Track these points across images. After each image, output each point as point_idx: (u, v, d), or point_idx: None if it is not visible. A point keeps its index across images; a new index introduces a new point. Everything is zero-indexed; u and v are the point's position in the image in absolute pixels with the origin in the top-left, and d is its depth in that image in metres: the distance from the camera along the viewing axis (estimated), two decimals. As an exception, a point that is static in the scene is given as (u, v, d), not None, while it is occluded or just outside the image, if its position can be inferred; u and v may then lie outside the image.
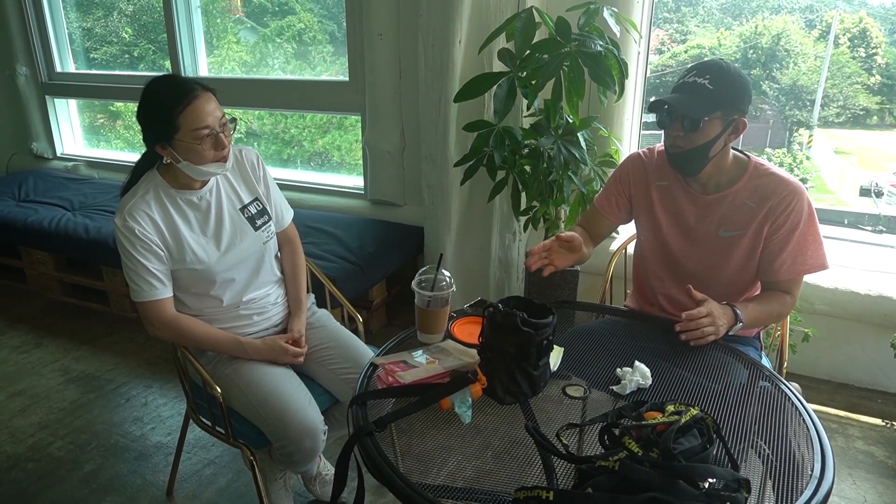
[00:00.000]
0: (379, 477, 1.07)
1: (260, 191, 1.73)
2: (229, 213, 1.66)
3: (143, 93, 1.52)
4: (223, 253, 1.63)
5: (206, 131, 1.48)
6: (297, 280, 1.81)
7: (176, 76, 1.58)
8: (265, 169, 1.76)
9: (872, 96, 4.47)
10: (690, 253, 1.62)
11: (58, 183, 3.88)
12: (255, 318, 1.71)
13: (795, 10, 4.75)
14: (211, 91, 1.53)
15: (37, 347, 2.94)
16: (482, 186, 2.61)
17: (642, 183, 1.69)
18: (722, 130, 1.46)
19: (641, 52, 2.61)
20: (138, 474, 2.11)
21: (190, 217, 1.61)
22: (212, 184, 1.64)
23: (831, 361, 2.60)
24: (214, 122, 1.50)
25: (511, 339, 1.20)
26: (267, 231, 1.72)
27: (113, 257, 3.04)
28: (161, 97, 1.48)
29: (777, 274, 1.53)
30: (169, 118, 1.46)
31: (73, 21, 4.27)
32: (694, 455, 0.97)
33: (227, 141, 1.54)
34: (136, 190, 1.57)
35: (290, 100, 3.53)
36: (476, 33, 2.53)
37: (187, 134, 1.47)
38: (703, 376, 1.36)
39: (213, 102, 1.50)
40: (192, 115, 1.46)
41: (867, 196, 4.02)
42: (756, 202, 1.52)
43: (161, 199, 1.58)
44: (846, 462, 2.15)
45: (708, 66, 1.44)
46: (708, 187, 1.58)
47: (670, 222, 1.64)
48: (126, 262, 1.54)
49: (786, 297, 1.54)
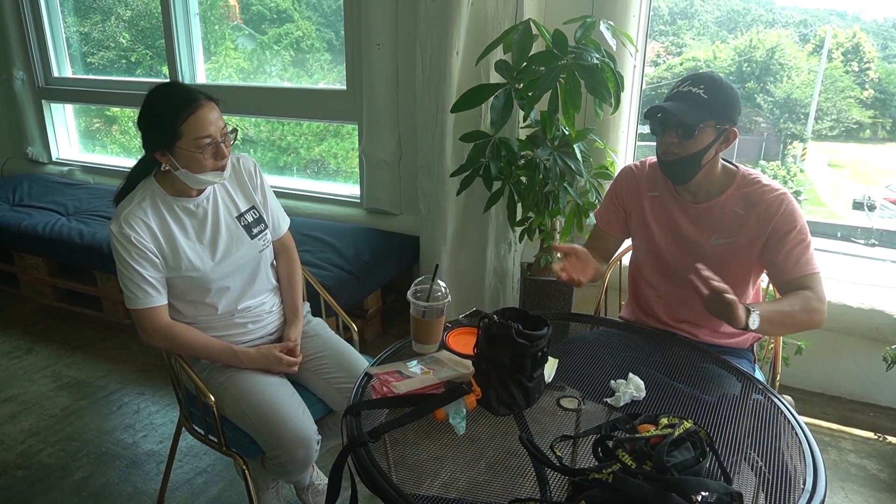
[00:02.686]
0: (372, 487, 1.07)
1: (257, 199, 1.73)
2: (226, 221, 1.66)
3: (147, 99, 1.52)
4: (219, 261, 1.62)
5: (207, 140, 1.49)
6: (294, 288, 1.81)
7: (180, 84, 1.59)
8: (262, 177, 1.76)
9: (865, 110, 4.51)
10: (684, 260, 1.63)
11: (52, 188, 3.87)
12: (251, 327, 1.70)
13: (790, 25, 4.79)
14: (214, 101, 1.53)
15: (28, 353, 2.92)
16: (478, 197, 2.62)
17: (634, 194, 1.71)
18: (714, 139, 1.49)
19: (637, 65, 2.63)
20: (129, 482, 2.10)
21: (186, 224, 1.60)
22: (209, 191, 1.64)
23: (824, 374, 2.61)
24: (216, 132, 1.50)
25: (506, 350, 1.20)
26: (263, 239, 1.71)
27: (107, 263, 3.04)
28: (164, 104, 1.49)
29: (790, 273, 1.50)
30: (172, 125, 1.46)
31: (71, 26, 4.27)
32: (687, 468, 0.97)
33: (227, 151, 1.55)
34: (133, 196, 1.56)
35: (287, 108, 3.53)
36: (473, 44, 2.55)
37: (189, 142, 1.47)
38: (696, 388, 1.37)
39: (215, 112, 1.51)
40: (194, 123, 1.47)
41: (860, 209, 4.05)
42: (744, 209, 1.54)
43: (158, 206, 1.57)
44: (838, 475, 2.16)
45: (702, 76, 1.49)
46: (698, 196, 1.60)
47: (662, 231, 1.66)
48: (121, 269, 1.53)
49: (805, 292, 1.47)
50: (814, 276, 1.49)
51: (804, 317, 1.47)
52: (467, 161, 2.40)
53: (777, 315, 1.44)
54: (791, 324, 1.50)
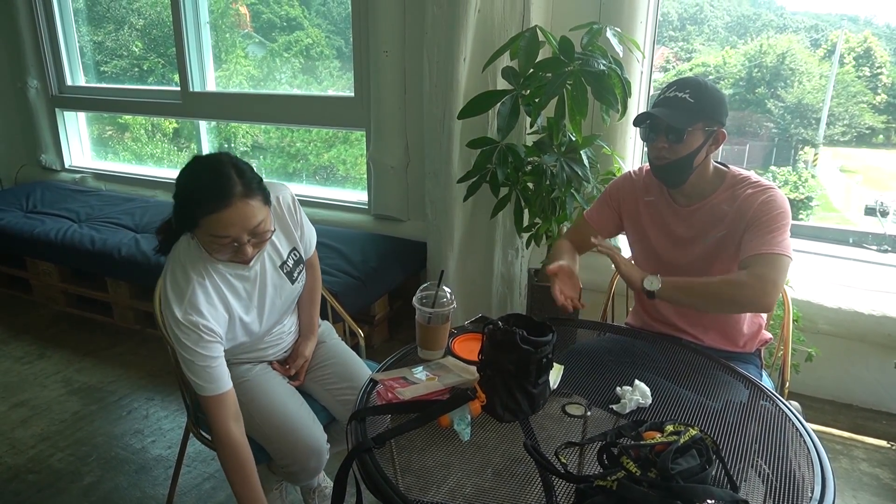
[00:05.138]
0: (377, 494, 1.07)
1: (296, 236, 1.62)
2: (271, 276, 1.56)
3: (187, 170, 1.37)
4: (266, 319, 1.58)
5: (226, 240, 1.35)
6: (314, 304, 1.79)
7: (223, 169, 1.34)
8: (299, 207, 1.64)
9: (878, 115, 4.48)
10: (680, 258, 1.65)
11: (65, 195, 3.91)
12: (270, 352, 1.70)
13: (800, 30, 4.77)
14: (258, 195, 1.36)
15: (40, 358, 2.95)
16: (485, 203, 2.62)
17: (631, 200, 1.74)
18: (704, 141, 1.51)
19: (645, 71, 2.63)
20: (138, 487, 2.11)
21: (239, 290, 1.50)
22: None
23: (835, 381, 2.58)
24: (241, 233, 1.34)
25: (510, 356, 1.20)
26: (301, 280, 1.65)
27: (118, 269, 3.07)
28: (195, 190, 1.33)
29: (745, 252, 1.48)
30: (193, 214, 1.33)
31: (85, 35, 4.33)
32: (692, 475, 0.97)
33: (253, 252, 1.40)
34: (186, 270, 1.41)
35: (296, 115, 3.55)
36: (480, 51, 2.55)
37: (205, 235, 1.35)
38: (703, 395, 1.36)
39: (249, 209, 1.33)
40: (216, 223, 1.32)
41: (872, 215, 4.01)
42: (731, 205, 1.55)
43: (214, 279, 1.44)
44: (850, 484, 2.13)
45: (687, 81, 1.51)
46: (692, 198, 1.61)
47: (658, 234, 1.69)
48: (186, 356, 1.39)
49: (741, 273, 1.45)
50: (765, 257, 1.43)
51: (724, 289, 1.44)
52: (474, 167, 2.41)
53: (685, 282, 1.48)
54: (707, 294, 1.47)
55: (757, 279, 1.41)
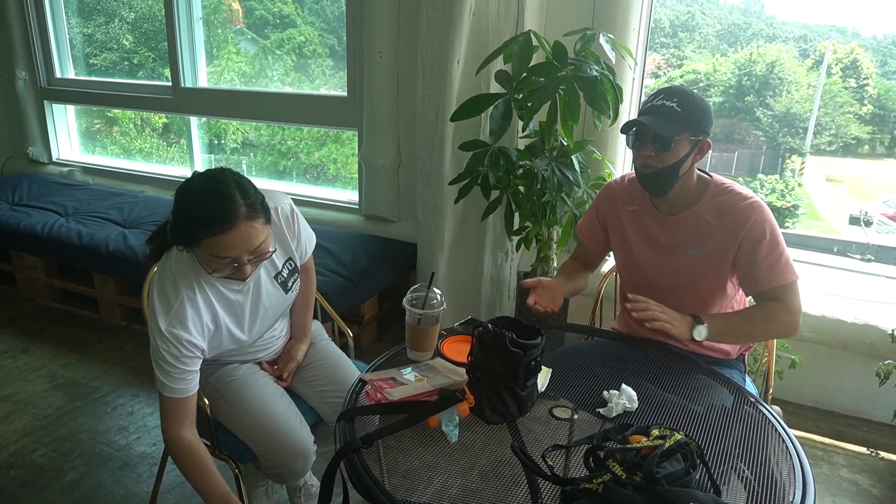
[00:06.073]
0: (364, 493, 1.08)
1: (292, 246, 1.60)
2: (266, 287, 1.55)
3: (185, 189, 1.32)
4: (258, 327, 1.58)
5: (226, 260, 1.32)
6: (308, 308, 1.79)
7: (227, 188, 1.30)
8: (298, 217, 1.61)
9: (864, 126, 4.54)
10: (662, 270, 1.65)
11: (52, 188, 3.87)
12: (260, 356, 1.70)
13: (790, 40, 4.82)
14: (261, 216, 1.33)
15: (24, 353, 2.92)
16: (476, 205, 2.63)
17: (613, 210, 1.74)
18: (690, 150, 1.52)
19: (637, 78, 2.65)
20: (121, 484, 2.10)
21: (232, 303, 1.49)
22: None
23: (817, 388, 2.62)
24: (241, 254, 1.32)
25: (499, 358, 1.21)
26: (295, 289, 1.64)
27: (105, 264, 3.05)
28: (198, 212, 1.28)
29: (761, 284, 1.52)
30: (194, 234, 1.29)
31: (75, 27, 4.29)
32: (676, 479, 0.98)
33: (251, 270, 1.37)
34: (176, 283, 1.38)
35: (287, 113, 3.55)
36: (474, 54, 2.56)
37: (205, 254, 1.31)
38: (688, 399, 1.38)
39: (252, 231, 1.31)
40: (217, 244, 1.29)
41: (857, 224, 4.07)
42: (717, 219, 1.56)
43: (206, 292, 1.42)
44: (830, 490, 2.16)
45: (674, 90, 1.51)
46: (675, 207, 1.62)
47: (641, 244, 1.69)
48: (162, 364, 1.37)
49: (772, 303, 1.50)
50: (785, 287, 1.50)
51: (763, 327, 1.53)
52: (466, 170, 2.42)
53: (729, 327, 1.52)
54: (749, 333, 1.58)
55: (790, 312, 1.50)
